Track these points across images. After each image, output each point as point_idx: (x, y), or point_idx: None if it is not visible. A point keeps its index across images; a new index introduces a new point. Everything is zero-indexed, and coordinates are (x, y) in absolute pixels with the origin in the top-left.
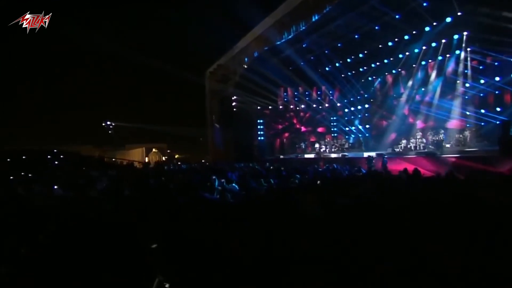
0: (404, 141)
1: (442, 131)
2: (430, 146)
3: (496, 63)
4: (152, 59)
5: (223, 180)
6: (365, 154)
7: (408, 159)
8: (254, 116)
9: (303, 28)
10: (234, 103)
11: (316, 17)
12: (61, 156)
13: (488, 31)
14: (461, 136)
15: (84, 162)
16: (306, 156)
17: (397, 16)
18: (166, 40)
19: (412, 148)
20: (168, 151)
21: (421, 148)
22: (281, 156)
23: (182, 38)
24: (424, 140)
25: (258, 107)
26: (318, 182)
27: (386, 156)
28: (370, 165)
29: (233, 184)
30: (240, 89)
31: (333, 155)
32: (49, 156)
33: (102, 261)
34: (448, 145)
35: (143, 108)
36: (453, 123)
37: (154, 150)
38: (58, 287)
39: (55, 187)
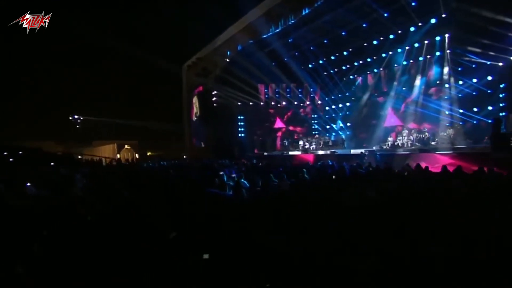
0: (390, 139)
1: (426, 129)
2: (417, 144)
3: (473, 66)
4: (124, 48)
5: (234, 176)
6: (352, 151)
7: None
8: (235, 112)
9: (292, 21)
10: (214, 98)
11: (307, 11)
12: (20, 153)
13: (468, 34)
14: (445, 134)
15: (49, 159)
16: (291, 153)
17: (385, 14)
18: (143, 29)
19: (400, 145)
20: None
21: (409, 145)
22: (265, 153)
23: (160, 28)
24: (411, 138)
25: (239, 103)
26: (334, 177)
27: (378, 153)
28: (362, 162)
29: (242, 180)
30: (220, 83)
31: (321, 152)
32: (5, 153)
33: (109, 267)
34: (433, 143)
35: (111, 102)
36: (433, 122)
37: (126, 146)
38: None
39: (28, 184)
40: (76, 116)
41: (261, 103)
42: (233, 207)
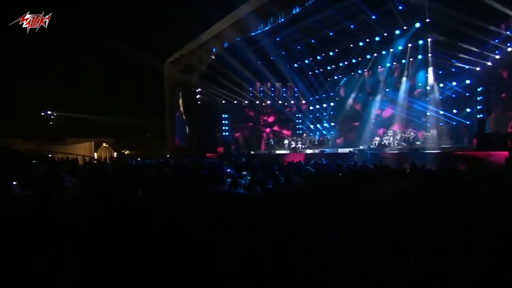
0: (377, 138)
1: (411, 129)
2: (402, 143)
3: (453, 69)
4: (102, 40)
5: (244, 173)
6: (340, 150)
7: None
8: (219, 110)
9: (282, 20)
10: (198, 96)
11: (297, 10)
12: None
13: (450, 39)
14: (429, 134)
15: (19, 157)
16: (278, 152)
17: (373, 17)
18: (123, 21)
19: (386, 144)
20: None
21: (395, 145)
22: (252, 152)
23: (142, 21)
24: (397, 137)
25: (223, 101)
26: (340, 174)
27: (369, 152)
28: (351, 160)
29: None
30: (205, 80)
31: (309, 151)
32: None
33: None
34: (418, 143)
35: (87, 98)
36: (417, 123)
37: (104, 145)
38: None
39: (14, 183)
40: (49, 112)
41: (246, 102)
42: (261, 205)
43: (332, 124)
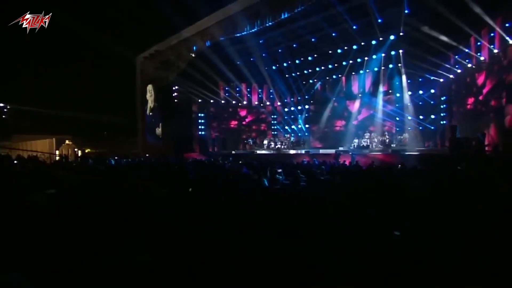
0: (356, 140)
1: (386, 132)
2: (379, 146)
3: (420, 79)
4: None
5: (280, 170)
6: (321, 151)
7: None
8: (196, 108)
9: (270, 23)
10: (175, 94)
11: (286, 15)
12: None
13: (418, 51)
14: (401, 138)
15: None
16: (259, 152)
17: (354, 27)
18: (90, 7)
19: (365, 145)
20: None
21: (373, 146)
22: (233, 152)
23: (114, 12)
24: (375, 140)
25: (200, 100)
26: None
27: (354, 153)
28: (338, 160)
29: (277, 176)
30: (183, 78)
31: (292, 151)
32: None
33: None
34: (393, 145)
35: (35, 90)
36: (389, 127)
37: (67, 142)
38: None
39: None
40: (1, 104)
41: (222, 101)
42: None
43: (307, 126)
